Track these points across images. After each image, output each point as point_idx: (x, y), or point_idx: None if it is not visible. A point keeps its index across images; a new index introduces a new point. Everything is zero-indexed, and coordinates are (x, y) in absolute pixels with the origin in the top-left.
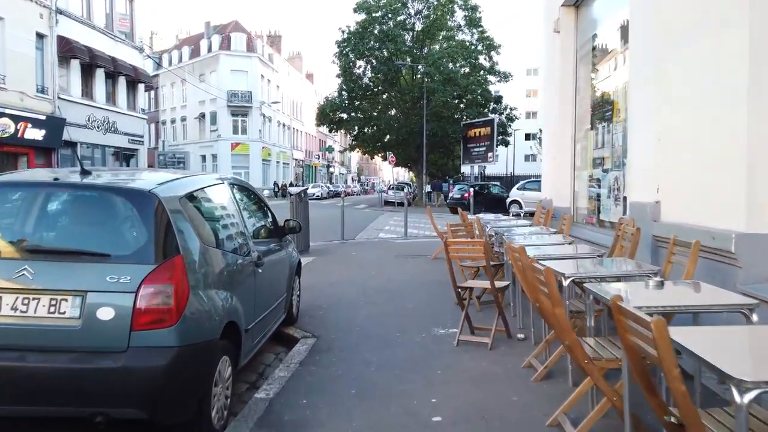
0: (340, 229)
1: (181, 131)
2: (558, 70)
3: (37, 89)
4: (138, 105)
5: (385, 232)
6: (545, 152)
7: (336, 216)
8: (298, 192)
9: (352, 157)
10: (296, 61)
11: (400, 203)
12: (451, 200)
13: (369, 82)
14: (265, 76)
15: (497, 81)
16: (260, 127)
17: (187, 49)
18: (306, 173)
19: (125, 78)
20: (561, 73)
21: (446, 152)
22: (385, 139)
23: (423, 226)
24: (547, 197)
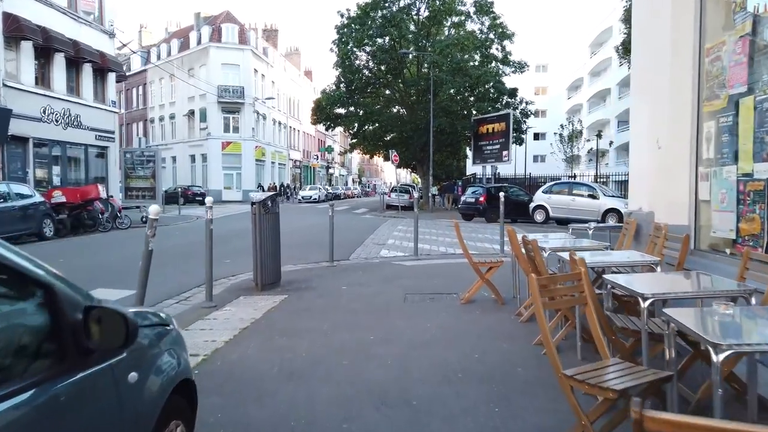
0: (330, 245)
1: (170, 130)
2: (669, 6)
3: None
4: (108, 97)
5: (388, 248)
6: (636, 139)
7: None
8: (262, 200)
9: (353, 158)
10: (294, 58)
11: (404, 207)
12: (463, 205)
13: (370, 74)
14: (258, 71)
15: (511, 72)
16: (253, 125)
17: (176, 42)
18: (304, 174)
19: (91, 66)
20: (673, 11)
21: (454, 151)
22: (387, 137)
23: (435, 239)
24: (643, 208)
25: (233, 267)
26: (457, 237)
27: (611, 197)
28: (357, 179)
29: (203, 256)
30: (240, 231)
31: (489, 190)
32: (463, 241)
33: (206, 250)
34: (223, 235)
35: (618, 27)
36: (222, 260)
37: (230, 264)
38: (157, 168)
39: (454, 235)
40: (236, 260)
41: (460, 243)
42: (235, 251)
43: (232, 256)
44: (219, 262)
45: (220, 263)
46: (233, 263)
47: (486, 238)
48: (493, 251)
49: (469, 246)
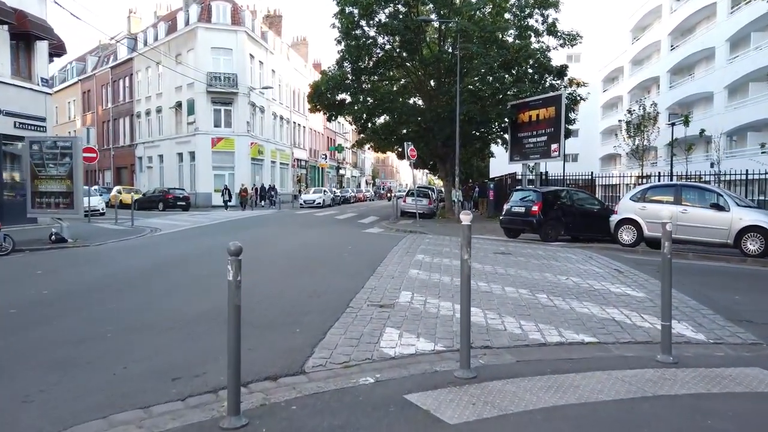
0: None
1: (157, 125)
2: None
3: None
4: (36, 73)
5: (402, 320)
6: None
7: (318, 245)
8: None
9: (366, 157)
10: (301, 48)
11: (423, 214)
12: (507, 216)
13: (380, 51)
14: (255, 57)
15: (559, 45)
16: (248, 118)
17: (163, 25)
18: (311, 176)
19: (6, 28)
20: None
21: (484, 146)
22: (402, 131)
23: (487, 270)
24: None
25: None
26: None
27: (747, 208)
28: (370, 181)
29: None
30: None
31: (545, 197)
32: None
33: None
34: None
35: (669, 5)
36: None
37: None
38: (75, 164)
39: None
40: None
41: None
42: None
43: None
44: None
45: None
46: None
47: (589, 289)
48: (633, 326)
49: (568, 310)
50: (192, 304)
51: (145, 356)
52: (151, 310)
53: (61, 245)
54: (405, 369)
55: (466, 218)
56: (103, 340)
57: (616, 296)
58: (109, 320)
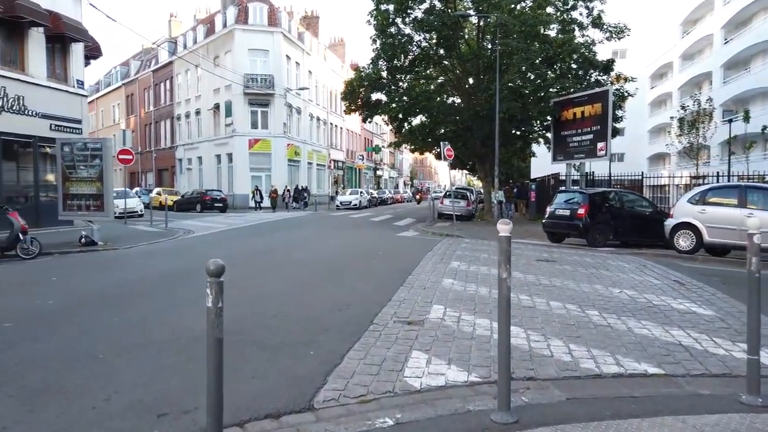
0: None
1: (196, 127)
2: None
3: None
4: (72, 75)
5: (435, 354)
6: None
7: (348, 250)
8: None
9: (404, 158)
10: (338, 49)
11: (460, 216)
12: (551, 219)
13: (417, 48)
14: (292, 58)
15: (605, 39)
16: (285, 120)
17: (201, 28)
18: (348, 177)
19: (41, 30)
20: None
21: (525, 146)
22: (440, 131)
23: (533, 288)
24: None
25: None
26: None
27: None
28: (408, 182)
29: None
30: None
31: (593, 198)
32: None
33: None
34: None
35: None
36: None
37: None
38: (106, 166)
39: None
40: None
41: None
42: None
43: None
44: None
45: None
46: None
47: (654, 306)
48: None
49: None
50: (200, 318)
51: (134, 383)
52: (155, 324)
53: (91, 248)
54: (432, 407)
55: (505, 228)
56: (92, 361)
57: (680, 314)
58: (106, 337)
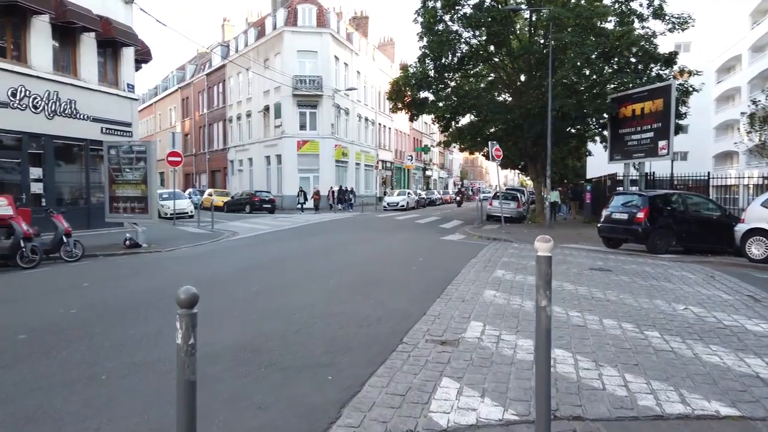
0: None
1: (246, 129)
2: None
3: None
4: (122, 79)
5: (468, 383)
6: None
7: (387, 255)
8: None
9: (454, 158)
10: (388, 49)
11: (509, 218)
12: (607, 223)
13: (466, 46)
14: (340, 59)
15: (667, 30)
16: (333, 120)
17: (252, 31)
18: (396, 177)
19: (93, 35)
20: None
21: (580, 144)
22: (491, 129)
23: (588, 313)
24: None
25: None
26: None
27: None
28: (458, 182)
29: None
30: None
31: (653, 201)
32: None
33: None
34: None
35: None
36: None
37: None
38: (150, 169)
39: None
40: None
41: None
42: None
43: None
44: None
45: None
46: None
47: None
48: None
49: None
50: (218, 333)
51: (131, 411)
52: (170, 339)
53: (134, 251)
54: None
55: (544, 246)
56: (93, 383)
57: (757, 338)
58: (117, 353)
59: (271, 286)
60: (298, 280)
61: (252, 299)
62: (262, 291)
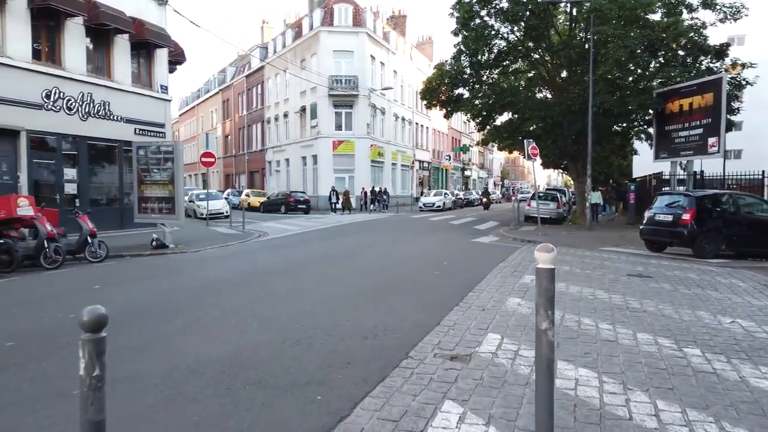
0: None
1: (284, 130)
2: None
3: None
4: (156, 81)
5: (473, 408)
6: None
7: (411, 258)
8: None
9: (494, 157)
10: (426, 47)
11: (550, 220)
12: (649, 225)
13: (503, 41)
14: (376, 58)
15: (718, 20)
16: (368, 120)
17: (290, 33)
18: (434, 177)
19: (126, 37)
20: None
21: (624, 143)
22: (530, 127)
23: (620, 325)
24: None
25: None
26: None
27: None
28: (499, 182)
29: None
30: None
31: (701, 202)
32: None
33: None
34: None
35: None
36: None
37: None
38: (177, 170)
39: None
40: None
41: None
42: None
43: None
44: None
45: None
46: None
47: None
48: None
49: None
50: (209, 344)
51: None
52: (153, 352)
53: (161, 251)
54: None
55: (545, 257)
56: (63, 400)
57: None
58: (117, 363)
59: (281, 292)
60: (311, 284)
61: (256, 306)
62: (269, 296)
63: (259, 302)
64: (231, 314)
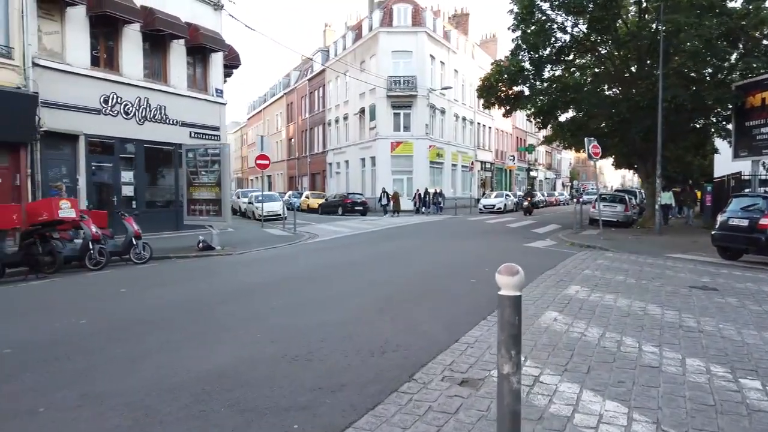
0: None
1: (344, 132)
2: None
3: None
4: (211, 84)
5: None
6: None
7: (449, 265)
8: None
9: (563, 157)
10: (490, 45)
11: (617, 223)
12: (721, 231)
13: (567, 35)
14: (436, 57)
15: None
16: (427, 121)
17: (350, 35)
18: (497, 178)
19: (182, 42)
20: None
21: (701, 141)
22: (596, 126)
23: (667, 348)
24: None
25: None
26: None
27: None
28: (568, 183)
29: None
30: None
31: None
32: None
33: None
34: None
35: None
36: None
37: None
38: (223, 172)
39: (729, 314)
40: None
41: None
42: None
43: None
44: None
45: None
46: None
47: None
48: None
49: None
50: (201, 358)
51: None
52: (143, 366)
53: (206, 253)
54: None
55: (509, 281)
56: (24, 418)
57: None
58: (76, 380)
59: (302, 300)
60: (334, 292)
61: (271, 315)
62: (288, 305)
63: (276, 311)
64: (242, 324)
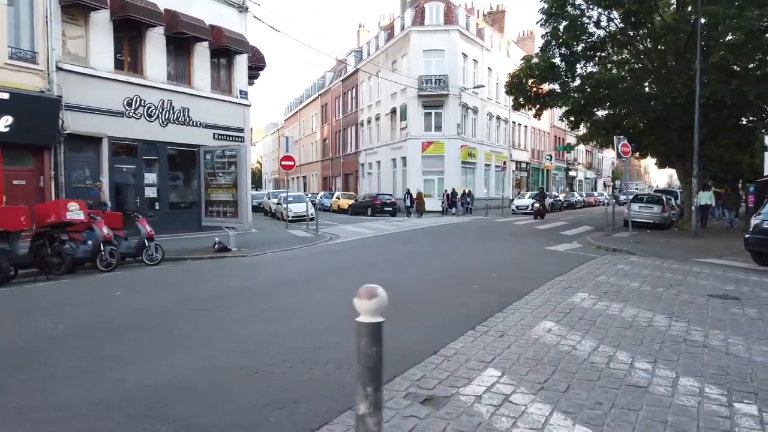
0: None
1: (376, 132)
2: None
3: (13, 54)
4: (235, 86)
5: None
6: None
7: (460, 269)
8: None
9: (605, 156)
10: (527, 43)
11: (653, 225)
12: (755, 234)
13: (597, 28)
14: (468, 55)
15: None
16: (459, 120)
17: (383, 35)
18: (533, 179)
19: (206, 45)
20: None
21: (746, 138)
22: (631, 123)
23: (662, 366)
24: None
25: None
26: None
27: None
28: (610, 183)
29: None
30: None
31: None
32: None
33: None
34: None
35: None
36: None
37: None
38: (240, 173)
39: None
40: None
41: None
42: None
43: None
44: None
45: None
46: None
47: None
48: None
49: None
50: (166, 368)
51: None
52: (101, 375)
53: (221, 254)
54: None
55: (366, 306)
56: None
57: None
58: (41, 388)
59: (290, 305)
60: (329, 297)
61: (251, 321)
62: (274, 310)
63: (260, 317)
64: (219, 331)
